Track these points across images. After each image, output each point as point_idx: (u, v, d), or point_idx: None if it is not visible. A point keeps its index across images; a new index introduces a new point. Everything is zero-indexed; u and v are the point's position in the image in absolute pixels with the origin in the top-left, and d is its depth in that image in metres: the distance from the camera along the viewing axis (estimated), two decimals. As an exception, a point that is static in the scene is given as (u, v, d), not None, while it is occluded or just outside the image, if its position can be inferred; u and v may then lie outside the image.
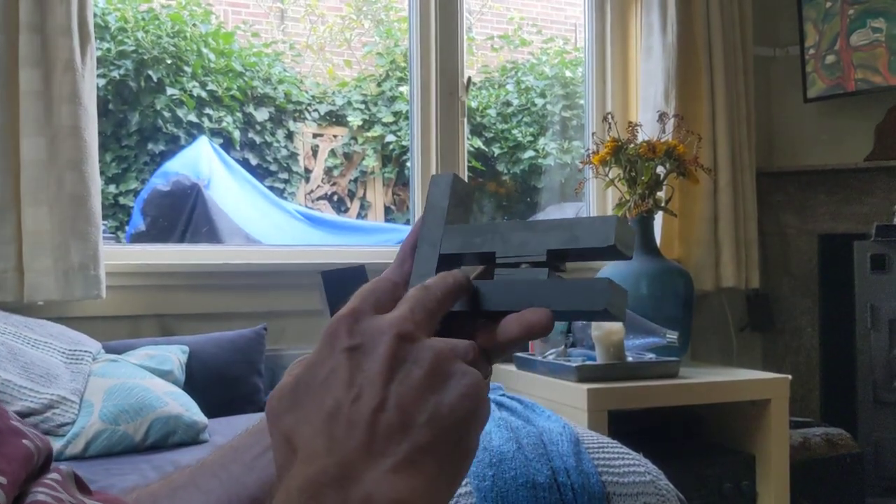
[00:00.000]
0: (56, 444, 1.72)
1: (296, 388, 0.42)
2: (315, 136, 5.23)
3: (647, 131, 2.67)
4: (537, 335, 0.47)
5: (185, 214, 3.88)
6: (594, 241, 0.48)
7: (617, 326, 2.19)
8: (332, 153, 5.23)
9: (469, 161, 4.72)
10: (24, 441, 0.55)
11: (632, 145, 2.52)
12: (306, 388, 0.41)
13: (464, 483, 1.60)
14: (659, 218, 2.78)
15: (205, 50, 4.71)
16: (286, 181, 4.98)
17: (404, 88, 4.86)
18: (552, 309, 0.48)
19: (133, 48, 4.44)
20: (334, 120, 5.25)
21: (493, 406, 1.96)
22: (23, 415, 1.69)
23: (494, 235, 0.52)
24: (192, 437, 1.85)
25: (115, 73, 4.38)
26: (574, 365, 2.15)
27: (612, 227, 0.47)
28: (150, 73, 4.44)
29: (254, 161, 4.82)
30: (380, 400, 0.39)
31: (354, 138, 5.23)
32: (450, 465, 0.40)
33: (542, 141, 5.37)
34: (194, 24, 4.72)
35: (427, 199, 0.55)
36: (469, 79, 2.88)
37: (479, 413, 0.41)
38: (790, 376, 2.36)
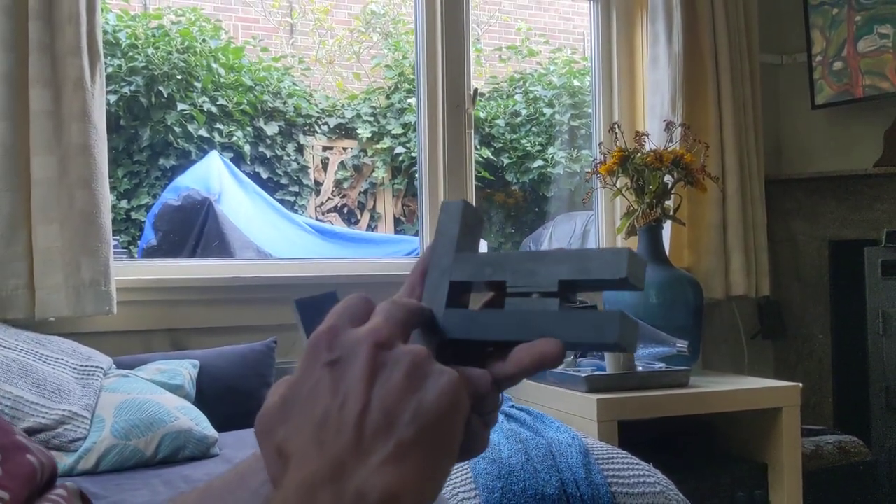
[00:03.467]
0: (68, 460, 1.74)
1: (283, 404, 0.44)
2: (325, 148, 5.26)
3: (655, 140, 2.67)
4: (548, 366, 0.49)
5: (196, 229, 3.91)
6: (606, 273, 0.48)
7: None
8: (342, 165, 5.25)
9: (478, 171, 4.73)
10: (28, 457, 0.55)
11: (639, 154, 2.52)
12: (293, 402, 0.44)
13: (472, 495, 1.60)
14: (667, 227, 2.78)
15: (215, 65, 4.75)
16: (296, 194, 5.01)
17: (413, 100, 4.87)
18: (563, 340, 0.48)
19: (144, 64, 4.48)
20: (344, 132, 5.28)
21: (501, 417, 1.96)
22: (34, 431, 1.71)
23: (505, 265, 0.52)
24: (203, 452, 1.86)
25: (126, 90, 4.42)
26: (583, 375, 2.15)
27: (625, 260, 0.48)
28: (161, 88, 4.48)
29: (264, 174, 4.84)
30: (364, 403, 0.42)
31: (364, 150, 5.26)
32: (436, 456, 0.42)
33: (550, 150, 5.38)
34: (204, 40, 4.76)
35: (437, 226, 0.55)
36: (476, 90, 2.89)
37: (458, 407, 0.44)
38: (801, 384, 2.35)
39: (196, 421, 1.89)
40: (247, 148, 4.74)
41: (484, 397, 0.49)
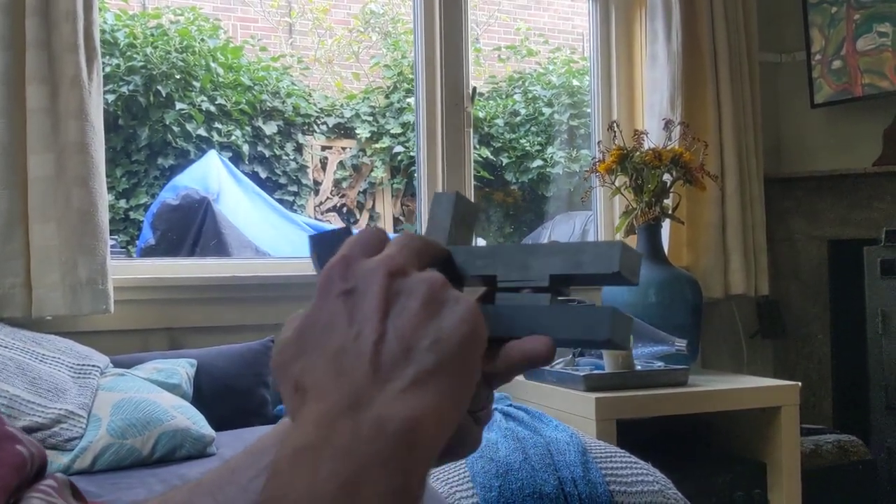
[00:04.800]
0: (64, 459, 1.73)
1: (299, 337, 0.43)
2: (324, 148, 5.26)
3: (653, 139, 2.67)
4: (538, 364, 0.47)
5: (194, 228, 3.90)
6: (599, 267, 0.47)
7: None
8: (341, 165, 5.25)
9: (477, 171, 4.73)
10: (17, 447, 0.55)
11: (637, 153, 2.51)
12: (309, 335, 0.43)
13: (470, 494, 1.59)
14: (666, 226, 2.77)
15: (213, 64, 4.74)
16: (295, 194, 5.00)
17: (412, 100, 4.87)
18: (554, 337, 0.47)
19: (142, 64, 4.48)
20: (343, 132, 5.28)
21: (500, 416, 1.96)
22: (30, 429, 1.70)
23: (496, 258, 0.51)
24: (200, 451, 1.85)
25: (124, 89, 4.42)
26: (582, 374, 2.15)
27: (618, 253, 0.46)
28: (160, 88, 4.47)
29: (263, 174, 4.84)
30: (380, 332, 0.41)
31: (363, 150, 5.25)
32: (455, 385, 0.42)
33: (549, 150, 5.37)
34: (203, 40, 4.75)
35: (429, 217, 0.54)
36: (475, 89, 2.89)
37: (476, 335, 0.43)
38: (800, 383, 2.34)
39: (193, 420, 1.88)
40: (245, 147, 4.73)
41: (473, 393, 0.48)
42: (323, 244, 0.54)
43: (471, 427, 0.49)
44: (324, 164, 5.22)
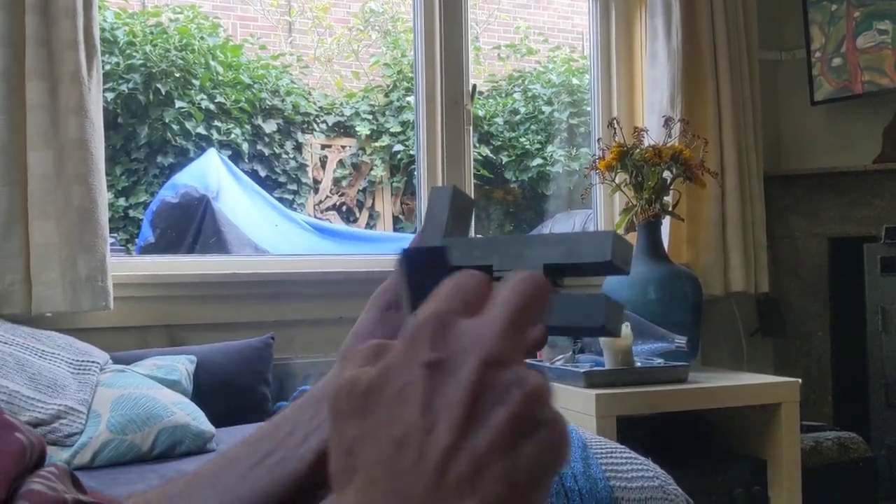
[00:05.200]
0: (63, 455, 1.73)
1: (366, 393, 0.37)
2: (323, 147, 5.25)
3: (653, 136, 2.67)
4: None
5: (193, 226, 3.89)
6: (591, 255, 0.47)
7: (625, 332, 2.18)
8: (341, 164, 5.24)
9: (477, 169, 4.72)
10: (17, 435, 0.55)
11: (638, 150, 2.51)
12: (377, 396, 0.37)
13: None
14: (666, 223, 2.77)
15: (213, 63, 4.74)
16: (295, 192, 4.99)
17: (412, 98, 4.86)
18: (547, 324, 0.47)
19: (142, 62, 4.47)
20: (342, 131, 5.27)
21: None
22: (30, 425, 1.70)
23: (493, 248, 0.51)
24: (200, 447, 1.85)
25: (123, 87, 4.41)
26: (582, 370, 2.15)
27: (609, 242, 0.46)
28: (159, 86, 4.47)
29: (262, 172, 4.83)
30: (454, 441, 0.35)
31: (362, 149, 5.24)
32: None
33: (549, 148, 5.37)
34: (202, 38, 4.74)
35: (427, 211, 0.54)
36: (474, 87, 2.88)
37: (558, 465, 0.37)
38: (800, 380, 2.34)
39: (193, 416, 1.88)
40: (245, 146, 4.73)
41: None
42: (416, 262, 0.52)
43: None
44: (323, 162, 5.22)
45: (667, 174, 2.53)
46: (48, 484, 0.52)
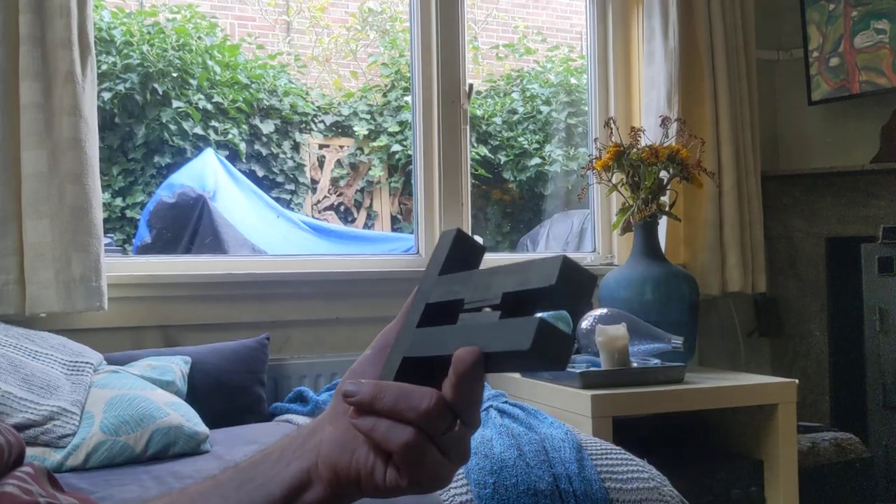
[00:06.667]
0: (56, 456, 1.72)
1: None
2: (321, 146, 5.24)
3: (650, 136, 2.66)
4: (465, 374, 0.46)
5: (190, 226, 3.88)
6: (540, 281, 0.46)
7: (621, 332, 2.18)
8: (339, 164, 5.24)
9: (475, 169, 4.71)
10: None
11: (634, 150, 2.50)
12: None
13: (464, 491, 1.58)
14: (663, 223, 2.77)
15: (210, 62, 4.73)
16: (293, 192, 4.98)
17: (409, 98, 4.86)
18: (484, 349, 0.47)
19: (138, 62, 4.46)
20: (340, 130, 5.26)
21: (495, 413, 1.95)
22: (23, 427, 1.69)
23: (468, 282, 0.53)
24: (194, 448, 1.84)
25: (120, 87, 4.40)
26: (578, 371, 2.14)
27: (558, 266, 0.45)
28: (156, 86, 4.46)
29: (260, 173, 4.82)
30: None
31: (360, 148, 5.23)
32: None
33: (547, 148, 5.37)
34: (199, 37, 4.74)
35: (432, 252, 0.58)
36: (471, 86, 2.88)
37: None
38: (797, 381, 2.33)
39: (187, 417, 1.87)
40: (242, 146, 4.72)
41: (429, 415, 0.47)
42: (460, 244, 0.58)
43: (436, 460, 0.50)
44: (321, 162, 5.21)
45: (664, 174, 2.52)
46: (23, 486, 0.52)
